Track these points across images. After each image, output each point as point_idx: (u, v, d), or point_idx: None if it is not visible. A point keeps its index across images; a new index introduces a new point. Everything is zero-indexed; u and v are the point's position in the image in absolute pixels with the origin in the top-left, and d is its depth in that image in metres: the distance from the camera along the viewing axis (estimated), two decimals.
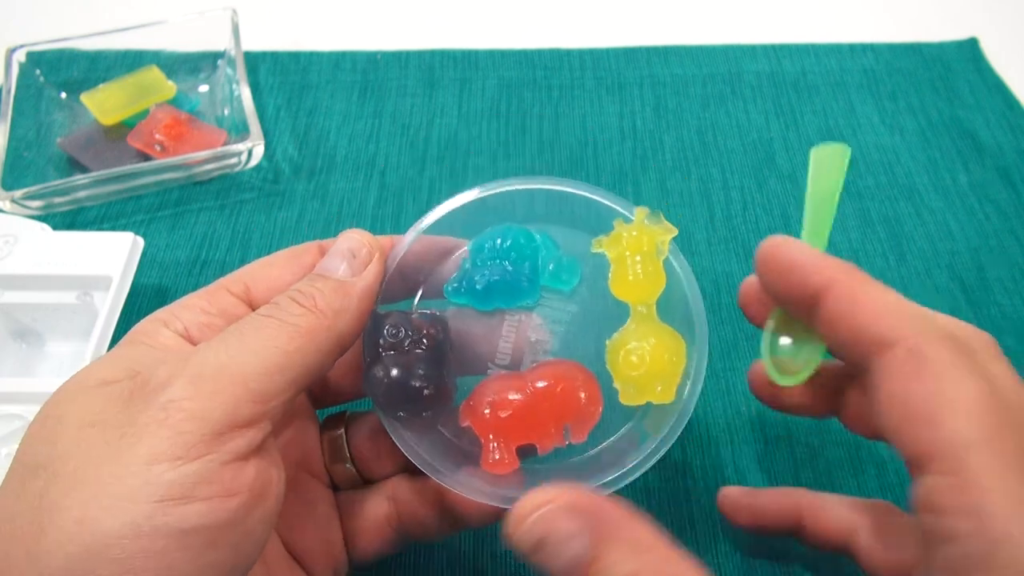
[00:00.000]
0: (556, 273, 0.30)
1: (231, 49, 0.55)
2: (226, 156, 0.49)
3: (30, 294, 0.41)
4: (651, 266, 0.29)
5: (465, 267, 0.30)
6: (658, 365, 0.28)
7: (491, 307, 0.30)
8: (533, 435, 0.28)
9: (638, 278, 0.29)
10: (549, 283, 0.30)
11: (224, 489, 0.22)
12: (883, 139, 0.54)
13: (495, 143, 0.53)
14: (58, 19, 0.62)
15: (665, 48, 0.59)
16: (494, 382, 0.29)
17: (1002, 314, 0.44)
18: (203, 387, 0.22)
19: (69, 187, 0.48)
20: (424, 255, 0.31)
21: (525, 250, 0.30)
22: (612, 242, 0.29)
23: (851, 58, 0.59)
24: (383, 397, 0.28)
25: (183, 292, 0.45)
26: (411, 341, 0.28)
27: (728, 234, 0.48)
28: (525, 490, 0.24)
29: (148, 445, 0.21)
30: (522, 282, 0.30)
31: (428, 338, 0.28)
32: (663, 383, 0.28)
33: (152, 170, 0.49)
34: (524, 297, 0.30)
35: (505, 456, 0.28)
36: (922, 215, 0.49)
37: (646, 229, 0.29)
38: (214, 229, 0.48)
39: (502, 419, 0.28)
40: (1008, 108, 0.56)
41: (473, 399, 0.29)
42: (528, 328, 0.30)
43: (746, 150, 0.53)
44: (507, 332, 0.30)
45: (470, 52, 0.59)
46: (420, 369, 0.28)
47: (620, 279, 0.29)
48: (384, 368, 0.28)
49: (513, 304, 0.30)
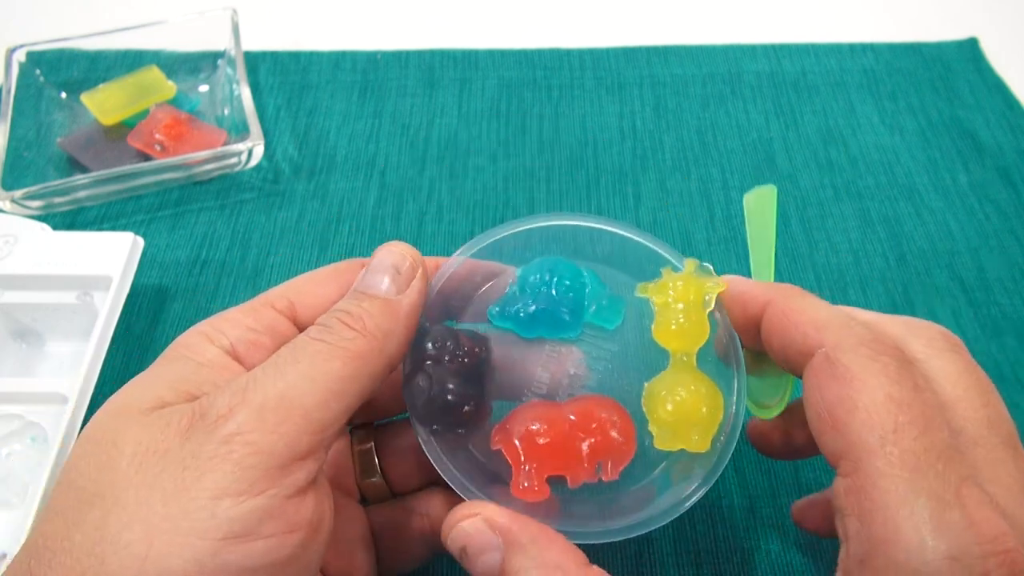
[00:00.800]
0: (600, 311, 0.30)
1: (231, 49, 0.55)
2: (226, 156, 0.49)
3: (30, 294, 0.41)
4: (695, 317, 0.29)
5: (511, 293, 0.30)
6: (695, 414, 0.28)
7: (533, 335, 0.30)
8: (564, 467, 0.28)
9: (681, 327, 0.29)
10: (593, 320, 0.30)
11: (287, 524, 0.22)
12: (883, 139, 0.54)
13: (495, 143, 0.53)
14: (58, 19, 0.62)
15: (665, 48, 0.59)
16: (530, 409, 0.28)
17: (1002, 314, 0.44)
18: (267, 419, 0.22)
19: (69, 187, 0.48)
20: (467, 278, 0.30)
21: (572, 284, 0.30)
22: (658, 289, 0.29)
23: (851, 58, 0.59)
24: (422, 408, 0.27)
25: (183, 292, 0.45)
26: (455, 356, 0.28)
27: (728, 234, 0.48)
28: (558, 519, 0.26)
29: (213, 480, 0.21)
30: (565, 315, 0.30)
31: (471, 355, 0.28)
32: (699, 432, 0.28)
33: (152, 170, 0.49)
34: (567, 330, 0.30)
35: (535, 484, 0.27)
36: (922, 215, 0.49)
37: (694, 280, 0.29)
38: (214, 229, 0.48)
39: (535, 447, 0.27)
40: (1008, 108, 0.56)
41: (507, 423, 0.28)
42: (568, 361, 0.30)
43: (746, 150, 0.53)
44: (546, 362, 0.30)
45: (470, 52, 0.59)
46: (461, 385, 0.27)
47: (663, 326, 0.29)
48: (427, 379, 0.27)
49: (555, 335, 0.30)
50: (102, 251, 0.41)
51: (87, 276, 0.40)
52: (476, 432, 0.29)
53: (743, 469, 0.38)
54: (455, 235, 0.48)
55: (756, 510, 0.37)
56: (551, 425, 0.28)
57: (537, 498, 0.27)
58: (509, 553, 0.24)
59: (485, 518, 0.25)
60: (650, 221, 0.48)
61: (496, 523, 0.25)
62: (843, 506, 0.22)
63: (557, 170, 0.51)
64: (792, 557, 0.36)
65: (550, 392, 0.30)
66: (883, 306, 0.45)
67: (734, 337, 0.29)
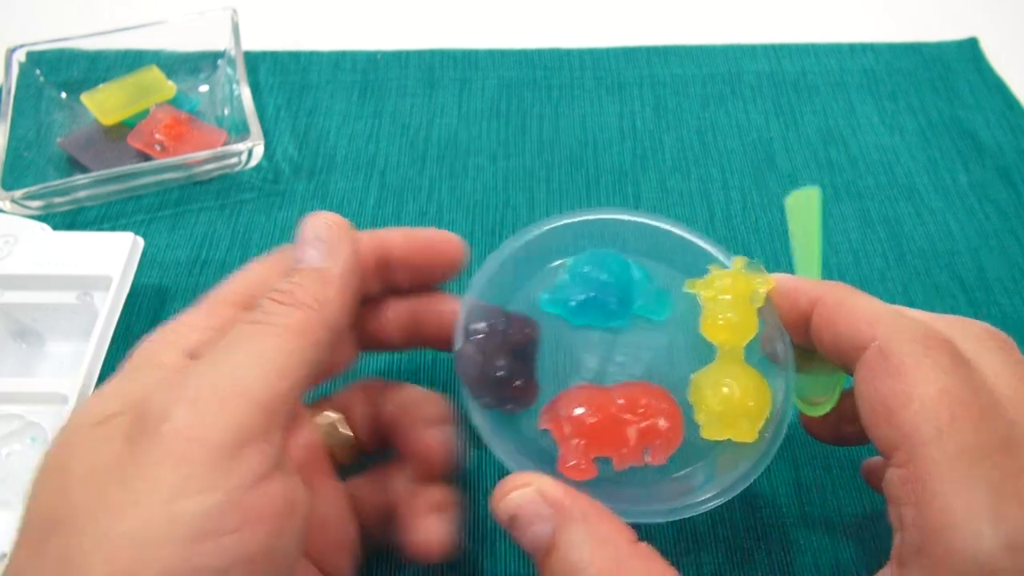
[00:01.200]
0: (648, 304, 0.32)
1: (231, 49, 0.55)
2: (226, 156, 0.49)
3: (30, 294, 0.40)
4: (743, 312, 0.29)
5: (562, 281, 0.32)
6: (743, 406, 0.28)
7: (582, 323, 0.31)
8: (611, 448, 0.28)
9: (729, 322, 0.29)
10: (640, 311, 0.32)
11: (254, 515, 0.21)
12: (883, 139, 0.54)
13: (495, 143, 0.53)
14: (58, 19, 0.62)
15: (665, 48, 0.59)
16: (578, 391, 0.29)
17: (1002, 314, 0.44)
18: (205, 409, 0.21)
19: (69, 187, 0.48)
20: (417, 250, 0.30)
21: (620, 276, 0.31)
22: (706, 284, 0.30)
23: (851, 58, 0.59)
24: (474, 381, 0.28)
25: (183, 292, 0.45)
26: (506, 334, 0.29)
27: (728, 234, 0.48)
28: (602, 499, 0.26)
29: (164, 483, 0.20)
30: (613, 305, 0.31)
31: (522, 335, 0.29)
32: (747, 422, 0.28)
33: (152, 170, 0.49)
34: (615, 320, 0.31)
35: (583, 463, 0.28)
36: (922, 215, 0.49)
37: (743, 276, 0.30)
38: (214, 229, 0.48)
39: (582, 427, 0.28)
40: (1008, 108, 0.56)
41: (555, 404, 0.29)
42: (615, 349, 0.31)
43: (746, 150, 0.53)
44: (594, 349, 0.31)
45: (470, 52, 0.59)
46: (511, 361, 0.28)
47: (711, 321, 0.30)
48: (481, 352, 0.28)
49: (603, 324, 0.31)
50: (102, 251, 0.41)
51: (87, 276, 0.40)
52: (524, 410, 0.29)
53: None
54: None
55: (757, 510, 0.37)
56: (599, 408, 0.28)
57: (583, 476, 0.28)
58: (561, 525, 0.24)
59: (538, 489, 0.25)
60: None
61: (549, 495, 0.25)
62: (898, 495, 0.22)
63: (557, 170, 0.51)
64: (792, 557, 0.36)
65: (597, 378, 0.30)
66: None
67: (783, 333, 0.29)
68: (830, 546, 0.36)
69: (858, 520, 0.37)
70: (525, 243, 0.31)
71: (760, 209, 0.49)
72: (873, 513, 0.37)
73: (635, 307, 0.32)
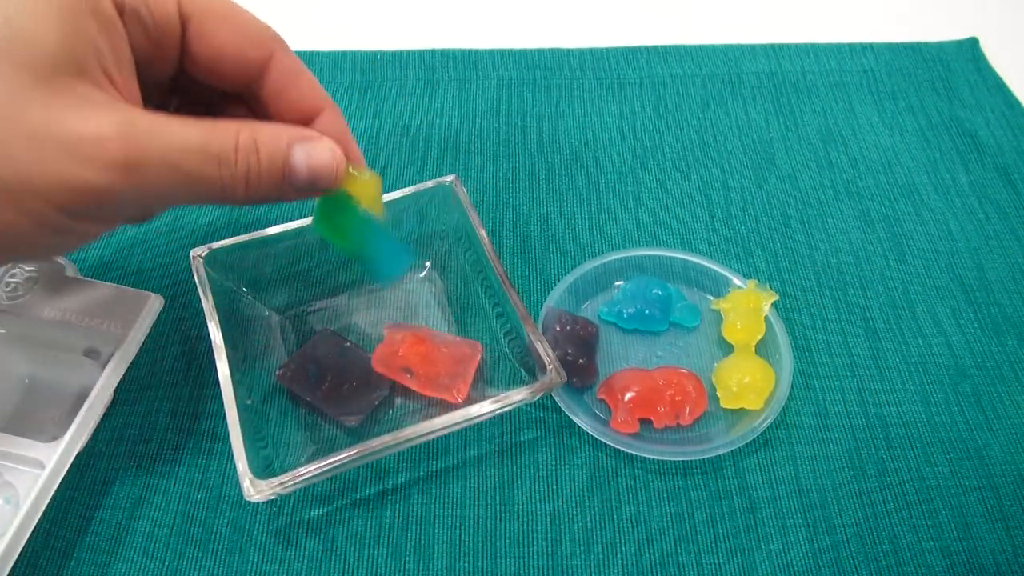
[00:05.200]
0: (682, 314, 0.43)
1: None
2: None
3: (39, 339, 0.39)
4: (754, 319, 0.42)
5: (616, 298, 0.44)
6: (753, 384, 0.39)
7: (630, 328, 0.43)
8: (651, 411, 0.39)
9: (745, 326, 0.42)
10: (676, 320, 0.43)
11: None
12: (883, 139, 0.54)
13: (495, 143, 0.53)
14: None
15: (665, 48, 0.59)
16: (627, 371, 0.40)
17: (1002, 314, 0.44)
18: None
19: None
20: None
21: (661, 295, 0.43)
22: (727, 300, 0.43)
23: (851, 58, 0.59)
24: None
25: (184, 295, 0.45)
26: (574, 330, 0.41)
27: (728, 234, 0.48)
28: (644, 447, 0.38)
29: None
30: (656, 315, 0.43)
31: (586, 332, 0.41)
32: (755, 395, 0.39)
33: None
34: (656, 325, 0.43)
35: (630, 420, 0.38)
36: (922, 215, 0.49)
37: (753, 294, 0.42)
38: (214, 229, 0.48)
39: (631, 395, 0.39)
40: (1008, 108, 0.56)
41: (610, 381, 0.40)
42: (656, 346, 0.43)
43: (746, 150, 0.53)
44: (640, 346, 0.43)
45: (470, 52, 0.59)
46: (577, 349, 0.40)
47: (731, 326, 0.42)
48: (556, 341, 0.40)
49: (646, 329, 0.43)
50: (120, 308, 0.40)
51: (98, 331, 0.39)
52: (585, 386, 0.40)
53: (743, 470, 0.38)
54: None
55: (756, 510, 0.37)
56: (643, 383, 0.39)
57: (630, 430, 0.38)
58: None
59: None
60: (650, 221, 0.48)
61: None
62: None
63: (557, 170, 0.51)
64: (792, 557, 0.36)
65: (643, 365, 0.42)
66: (883, 306, 0.45)
67: (784, 332, 0.42)
68: (830, 546, 0.36)
69: (858, 520, 0.37)
70: (593, 267, 0.44)
71: (760, 209, 0.49)
72: (873, 513, 0.37)
73: (672, 317, 0.43)
